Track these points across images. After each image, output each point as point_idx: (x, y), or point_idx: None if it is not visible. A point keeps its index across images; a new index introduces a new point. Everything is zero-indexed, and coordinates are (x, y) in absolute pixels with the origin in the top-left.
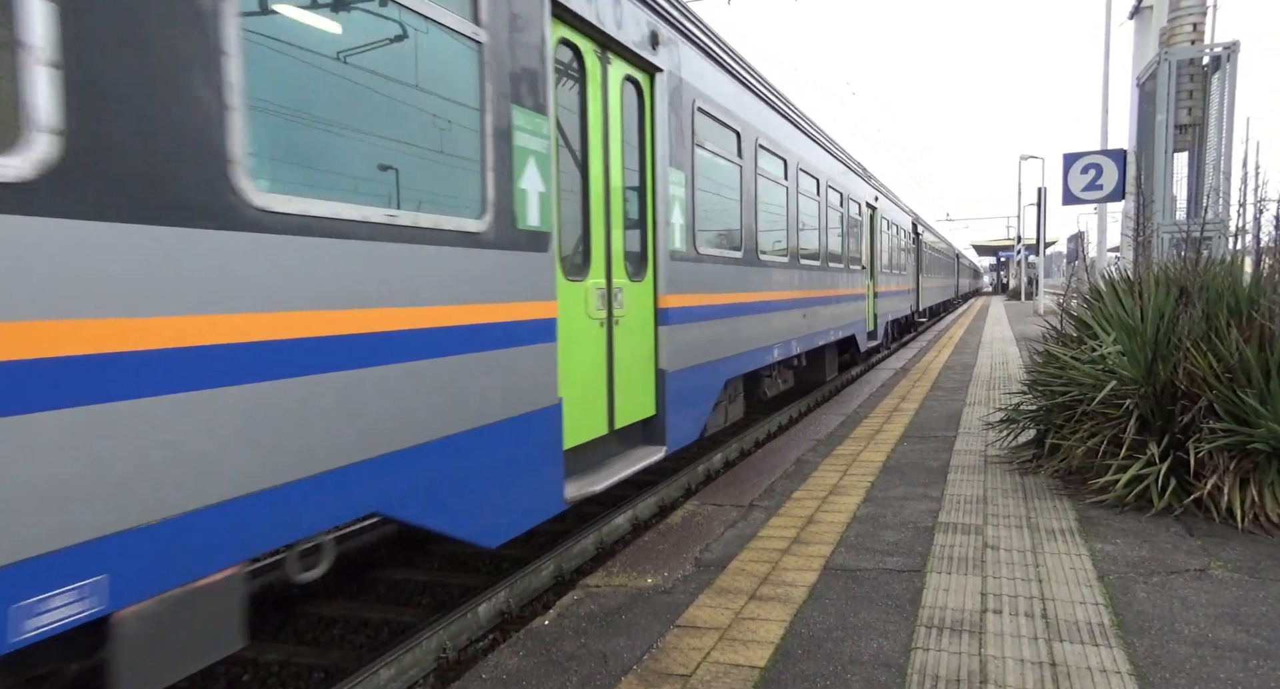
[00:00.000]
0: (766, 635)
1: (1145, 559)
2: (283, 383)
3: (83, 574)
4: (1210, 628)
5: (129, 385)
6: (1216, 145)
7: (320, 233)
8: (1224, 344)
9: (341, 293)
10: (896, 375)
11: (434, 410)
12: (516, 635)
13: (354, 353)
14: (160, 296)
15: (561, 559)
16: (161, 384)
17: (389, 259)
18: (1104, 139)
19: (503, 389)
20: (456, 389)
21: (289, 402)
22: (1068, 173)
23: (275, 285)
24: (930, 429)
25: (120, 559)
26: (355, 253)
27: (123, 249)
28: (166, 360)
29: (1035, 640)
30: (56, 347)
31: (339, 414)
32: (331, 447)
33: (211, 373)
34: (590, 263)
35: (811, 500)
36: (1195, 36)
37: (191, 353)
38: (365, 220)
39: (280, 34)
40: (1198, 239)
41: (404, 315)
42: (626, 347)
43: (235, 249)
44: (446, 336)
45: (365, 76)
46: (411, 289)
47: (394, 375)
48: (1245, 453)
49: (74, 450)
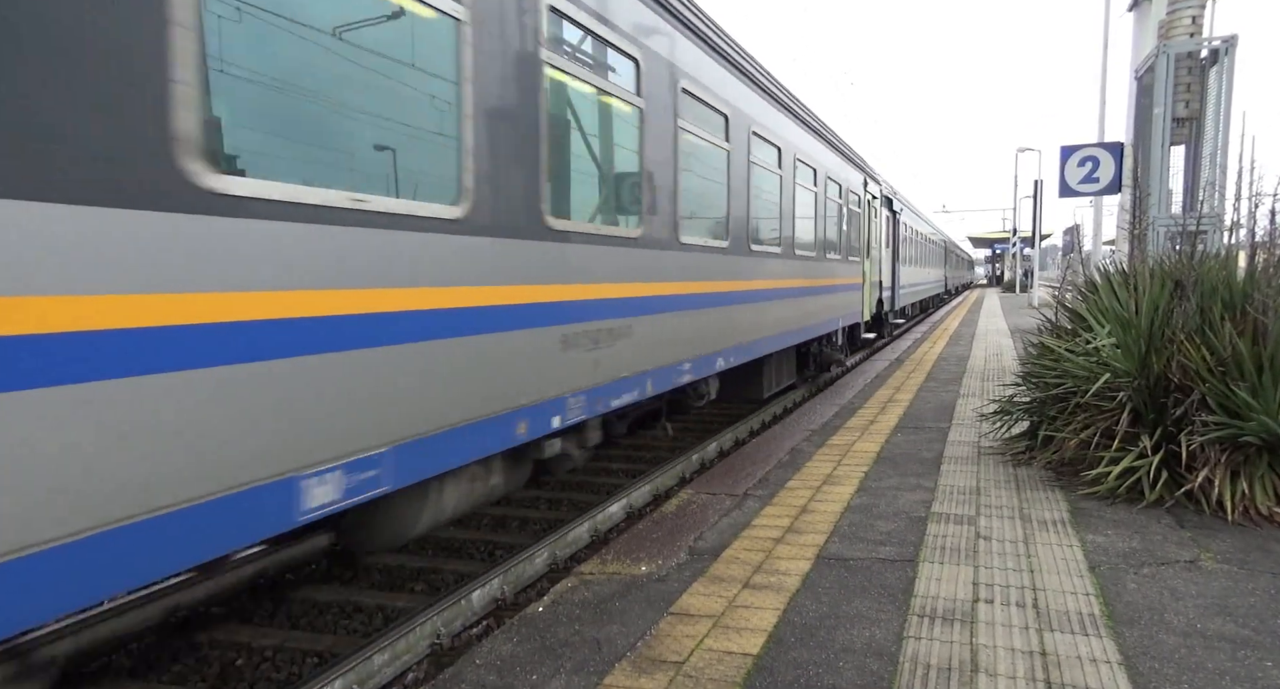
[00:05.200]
0: (760, 623)
1: (1136, 550)
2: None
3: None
4: (1199, 619)
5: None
6: (1213, 139)
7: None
8: (1217, 338)
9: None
10: (891, 366)
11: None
12: (510, 622)
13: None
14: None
15: (556, 547)
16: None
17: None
18: (1101, 132)
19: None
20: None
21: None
22: (1065, 165)
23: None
24: (924, 420)
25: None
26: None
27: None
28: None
29: (1026, 630)
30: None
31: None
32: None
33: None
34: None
35: (805, 490)
36: (1194, 29)
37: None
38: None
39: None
40: (1193, 233)
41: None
42: None
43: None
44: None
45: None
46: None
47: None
48: (1236, 446)
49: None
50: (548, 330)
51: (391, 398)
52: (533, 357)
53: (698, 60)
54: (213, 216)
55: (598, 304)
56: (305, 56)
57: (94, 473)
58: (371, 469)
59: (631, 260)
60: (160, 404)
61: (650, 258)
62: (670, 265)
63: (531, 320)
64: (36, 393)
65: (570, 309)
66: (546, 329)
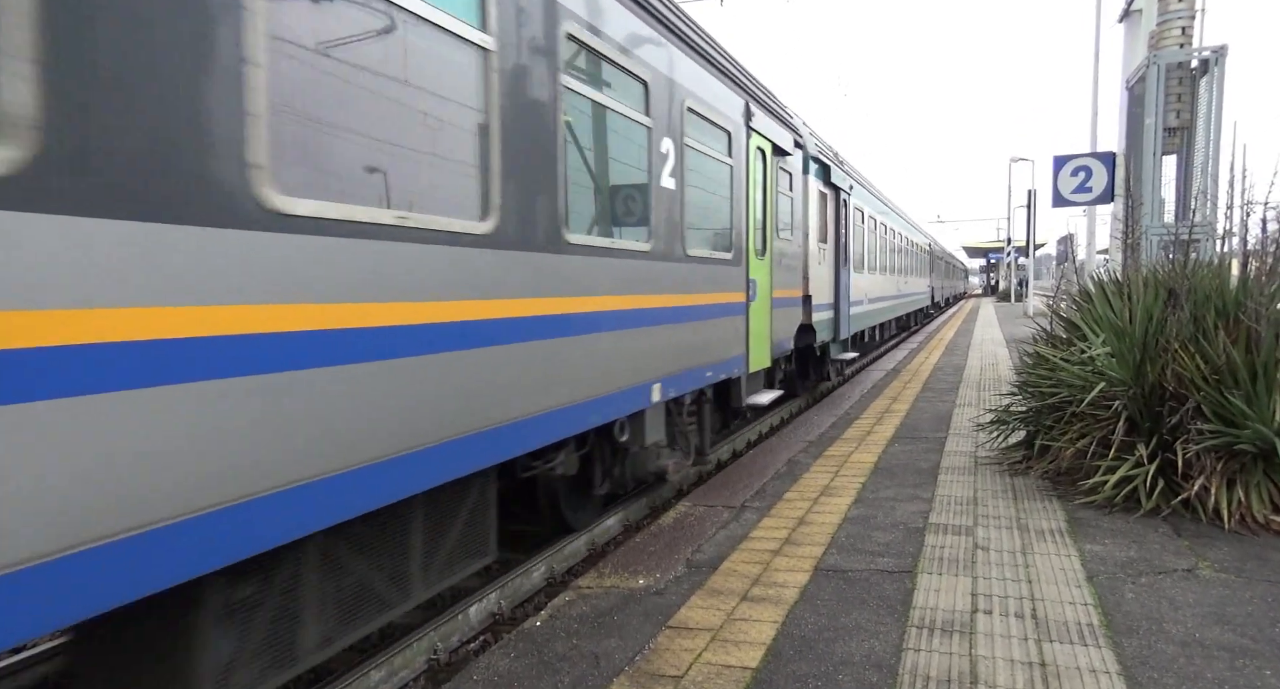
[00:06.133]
0: (758, 636)
1: (1134, 559)
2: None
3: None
4: (1198, 628)
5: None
6: (1205, 148)
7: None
8: (1211, 346)
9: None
10: (888, 376)
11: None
12: (508, 636)
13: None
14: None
15: (553, 560)
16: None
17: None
18: (1093, 142)
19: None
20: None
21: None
22: (1058, 175)
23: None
24: (921, 430)
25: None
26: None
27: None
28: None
29: (1025, 641)
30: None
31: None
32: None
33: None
34: None
35: (803, 501)
36: (1184, 40)
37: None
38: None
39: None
40: (1186, 241)
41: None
42: None
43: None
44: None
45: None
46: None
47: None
48: (1232, 454)
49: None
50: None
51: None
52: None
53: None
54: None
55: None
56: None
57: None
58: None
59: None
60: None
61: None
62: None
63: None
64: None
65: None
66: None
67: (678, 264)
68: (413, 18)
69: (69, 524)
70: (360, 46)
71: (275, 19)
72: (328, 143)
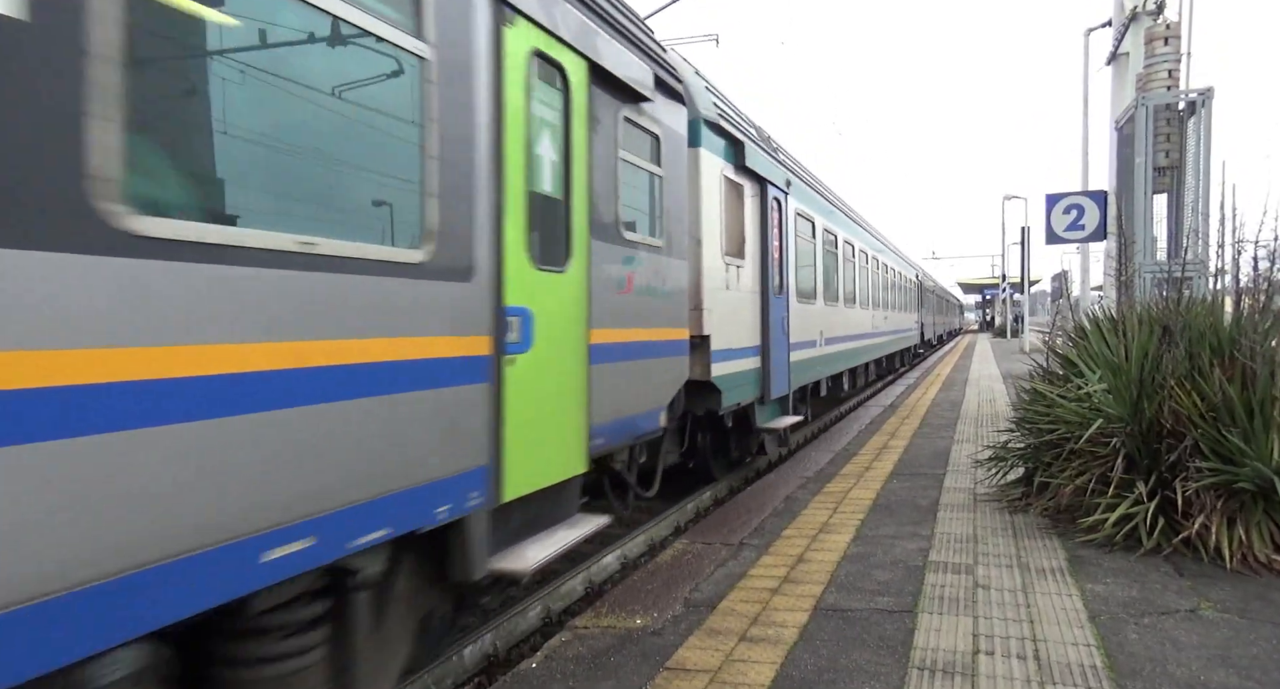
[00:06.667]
0: (757, 678)
1: (1136, 599)
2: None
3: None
4: (1202, 670)
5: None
6: (1194, 187)
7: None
8: (1207, 383)
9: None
10: (885, 412)
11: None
12: (503, 679)
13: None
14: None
15: (549, 600)
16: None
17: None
18: (1084, 180)
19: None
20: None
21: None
22: (1050, 213)
23: None
24: (919, 466)
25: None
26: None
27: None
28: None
29: (1028, 683)
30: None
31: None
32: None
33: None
34: None
35: (801, 539)
36: (1170, 82)
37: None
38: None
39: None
40: (1179, 279)
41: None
42: None
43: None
44: None
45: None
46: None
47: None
48: (1231, 492)
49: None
50: None
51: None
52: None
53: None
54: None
55: None
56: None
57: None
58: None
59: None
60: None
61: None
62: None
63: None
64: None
65: None
66: None
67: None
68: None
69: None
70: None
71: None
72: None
